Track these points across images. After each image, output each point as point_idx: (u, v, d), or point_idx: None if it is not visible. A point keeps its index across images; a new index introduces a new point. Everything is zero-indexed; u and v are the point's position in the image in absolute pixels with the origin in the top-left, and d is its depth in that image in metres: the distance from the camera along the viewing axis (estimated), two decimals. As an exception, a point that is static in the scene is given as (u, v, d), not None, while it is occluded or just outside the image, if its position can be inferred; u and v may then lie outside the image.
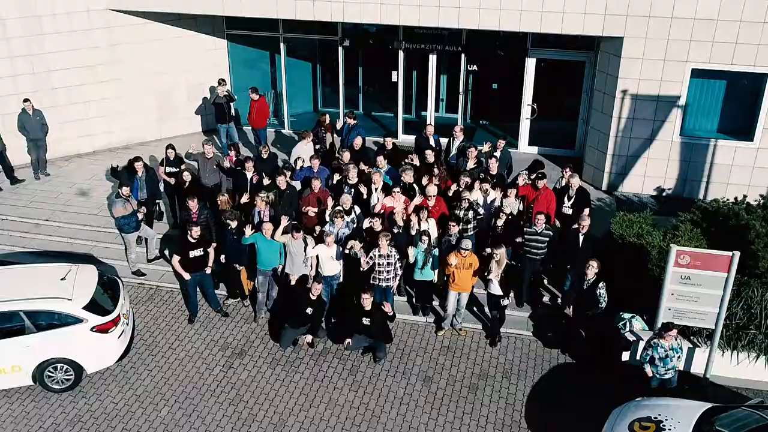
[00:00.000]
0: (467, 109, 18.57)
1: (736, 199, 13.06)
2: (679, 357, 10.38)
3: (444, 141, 15.29)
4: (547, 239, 12.22)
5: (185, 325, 12.78)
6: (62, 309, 10.97)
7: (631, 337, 11.44)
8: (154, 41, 17.77)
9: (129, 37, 17.45)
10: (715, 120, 15.50)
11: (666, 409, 9.65)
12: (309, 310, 11.78)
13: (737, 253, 10.15)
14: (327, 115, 16.28)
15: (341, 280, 12.66)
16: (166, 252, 14.19)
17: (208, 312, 13.03)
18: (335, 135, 15.81)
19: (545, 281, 13.18)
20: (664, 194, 15.82)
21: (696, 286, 10.48)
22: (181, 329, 12.70)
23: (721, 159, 15.36)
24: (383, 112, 19.40)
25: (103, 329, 11.14)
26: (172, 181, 14.08)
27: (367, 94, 19.41)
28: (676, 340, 10.27)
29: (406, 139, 17.89)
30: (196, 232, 12.06)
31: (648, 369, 10.40)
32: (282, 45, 18.75)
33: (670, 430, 9.22)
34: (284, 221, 12.31)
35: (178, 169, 14.21)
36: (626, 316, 11.62)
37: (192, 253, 12.16)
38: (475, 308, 12.93)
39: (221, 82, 17.09)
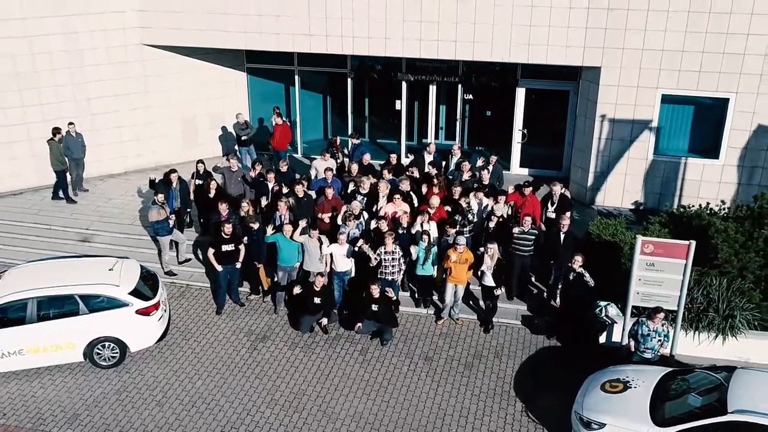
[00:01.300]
0: (464, 135, 20.44)
1: (701, 206, 14.80)
2: (660, 341, 11.80)
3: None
4: (534, 237, 13.93)
5: (213, 316, 14.42)
6: (111, 293, 12.65)
7: (607, 321, 13.06)
8: (181, 73, 19.76)
9: (159, 69, 19.45)
10: (685, 140, 17.33)
11: (632, 372, 11.25)
12: (317, 300, 13.46)
13: (693, 242, 11.83)
14: (338, 137, 18.19)
15: (353, 275, 14.33)
16: (190, 255, 15.92)
17: (233, 305, 14.68)
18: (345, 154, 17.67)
19: (533, 278, 14.84)
20: (641, 207, 17.55)
21: (659, 272, 12.12)
22: (210, 319, 14.34)
23: (691, 175, 17.15)
24: (387, 139, 21.24)
25: (145, 312, 12.80)
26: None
27: (372, 122, 21.30)
28: (662, 325, 11.78)
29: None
30: (228, 228, 13.81)
31: (632, 344, 11.94)
32: (296, 78, 20.75)
33: (635, 387, 10.81)
34: (302, 223, 14.07)
35: (205, 182, 16.00)
36: (602, 303, 13.26)
37: (224, 248, 13.88)
38: (470, 302, 14.56)
39: (238, 115, 19.11)
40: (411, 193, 15.02)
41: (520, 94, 19.15)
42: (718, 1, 15.59)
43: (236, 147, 19.28)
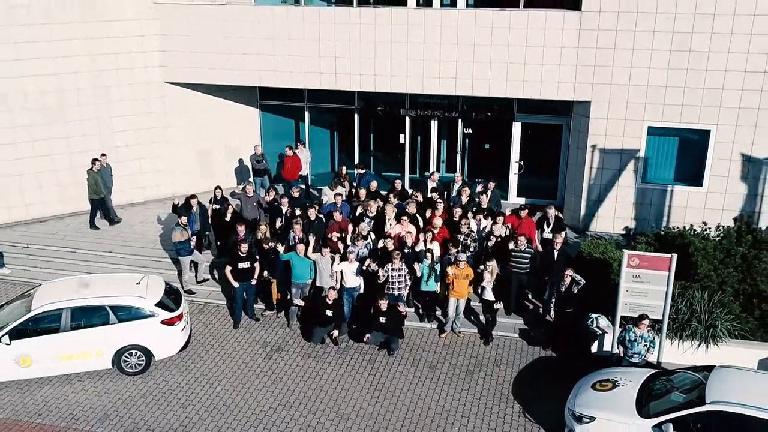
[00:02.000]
0: (464, 167, 21.65)
1: (684, 227, 15.91)
2: (646, 346, 12.77)
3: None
4: (529, 255, 15.01)
5: (231, 330, 15.42)
6: (139, 305, 13.70)
7: (598, 332, 14.06)
8: (199, 109, 21.08)
9: (179, 105, 20.78)
10: (671, 169, 18.49)
11: (621, 373, 12.22)
12: (329, 312, 14.49)
13: (674, 255, 12.93)
14: (344, 167, 19.43)
15: (361, 291, 15.36)
16: (207, 276, 16.98)
17: (249, 320, 15.68)
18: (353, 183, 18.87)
19: (529, 295, 15.87)
20: (631, 233, 18.59)
21: (645, 284, 13.17)
22: (227, 333, 15.33)
23: (677, 202, 18.28)
24: (392, 172, 22.41)
25: (169, 323, 13.83)
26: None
27: (377, 155, 22.53)
28: (648, 331, 12.77)
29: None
30: (244, 247, 14.90)
31: (621, 349, 12.92)
32: (306, 114, 22.09)
33: (623, 386, 11.77)
34: (313, 240, 15.19)
35: (222, 206, 17.16)
36: (593, 315, 14.26)
37: (241, 265, 14.94)
38: (471, 316, 15.56)
39: (256, 147, 20.42)
40: (416, 215, 16.15)
41: (517, 128, 20.43)
42: (697, 41, 16.92)
43: (251, 177, 20.47)
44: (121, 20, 19.37)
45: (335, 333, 14.71)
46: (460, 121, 21.01)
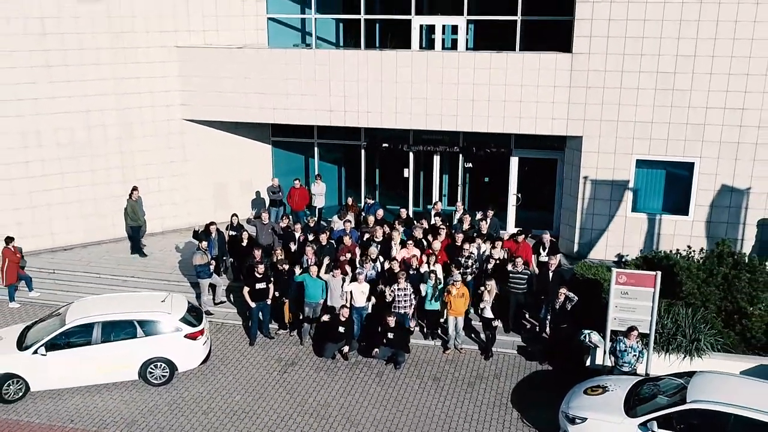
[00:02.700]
0: (465, 199, 22.87)
1: (670, 251, 17.06)
2: (635, 356, 13.82)
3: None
4: (526, 276, 16.14)
5: (247, 347, 16.47)
6: (164, 319, 14.79)
7: (591, 346, 15.10)
8: (216, 145, 22.45)
9: (197, 140, 22.16)
10: (659, 199, 19.69)
11: (611, 380, 13.26)
12: (341, 329, 15.58)
13: (659, 272, 14.07)
14: (351, 198, 20.68)
15: (369, 311, 16.45)
16: (224, 298, 18.10)
17: (264, 338, 16.73)
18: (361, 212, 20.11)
19: (527, 315, 16.94)
20: (622, 260, 19.73)
21: (633, 299, 14.28)
22: (244, 349, 16.38)
23: (665, 230, 19.45)
24: (396, 205, 23.58)
25: (192, 337, 14.90)
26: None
27: (383, 189, 23.79)
28: (637, 342, 13.83)
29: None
30: (261, 268, 16.05)
31: (612, 359, 13.95)
32: (316, 149, 23.45)
33: (613, 390, 12.80)
34: (326, 260, 16.35)
35: (238, 233, 18.35)
36: (586, 331, 15.29)
37: (257, 285, 16.06)
38: (472, 335, 16.61)
39: (273, 179, 21.77)
40: (422, 240, 17.33)
41: (514, 162, 21.73)
42: (680, 80, 18.31)
43: (267, 206, 21.74)
44: (147, 62, 20.87)
45: (345, 348, 15.75)
46: (460, 156, 22.30)
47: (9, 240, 18.22)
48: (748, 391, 11.85)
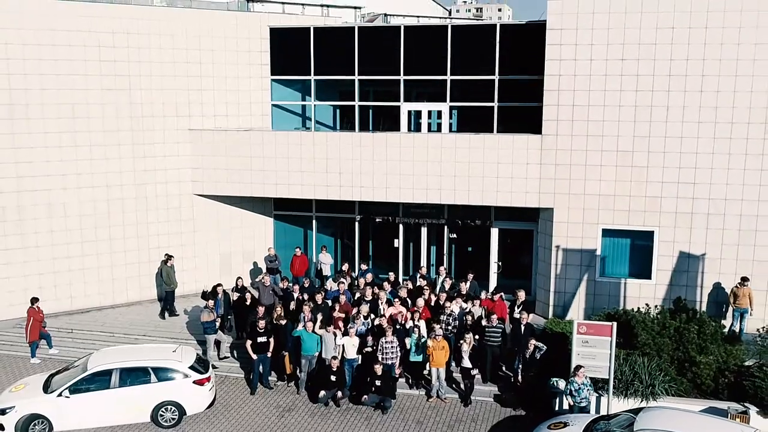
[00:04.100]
0: (451, 267, 24.84)
1: (631, 309, 18.92)
2: (588, 390, 15.58)
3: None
4: (500, 330, 17.96)
5: (248, 396, 18.12)
6: (175, 367, 16.54)
7: (558, 391, 16.78)
8: (222, 217, 24.65)
9: (205, 213, 24.36)
10: (625, 265, 21.68)
11: (571, 417, 14.94)
12: (333, 378, 17.29)
13: (615, 323, 15.93)
14: (347, 264, 22.67)
15: (359, 362, 18.17)
16: (228, 354, 19.83)
17: (264, 389, 18.38)
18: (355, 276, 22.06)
19: (503, 367, 18.64)
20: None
21: (592, 347, 16.07)
22: (246, 397, 18.02)
23: (630, 293, 21.34)
24: (387, 273, 25.54)
25: (199, 383, 16.62)
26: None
27: (375, 259, 25.79)
28: (585, 378, 15.59)
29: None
30: (262, 323, 17.89)
31: (569, 399, 15.63)
32: (314, 222, 25.63)
33: (573, 425, 14.46)
34: (320, 317, 18.20)
35: (242, 294, 20.26)
36: (554, 379, 17.02)
37: (259, 339, 17.86)
38: (453, 385, 18.27)
39: (269, 249, 23.81)
40: (407, 299, 19.25)
41: (495, 233, 23.85)
42: (637, 158, 20.60)
43: (264, 273, 23.67)
44: (162, 143, 23.32)
45: (339, 394, 17.40)
46: (446, 227, 24.45)
47: (34, 300, 20.08)
48: (685, 421, 13.55)
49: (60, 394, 15.90)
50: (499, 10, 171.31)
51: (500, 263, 23.97)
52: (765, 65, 19.47)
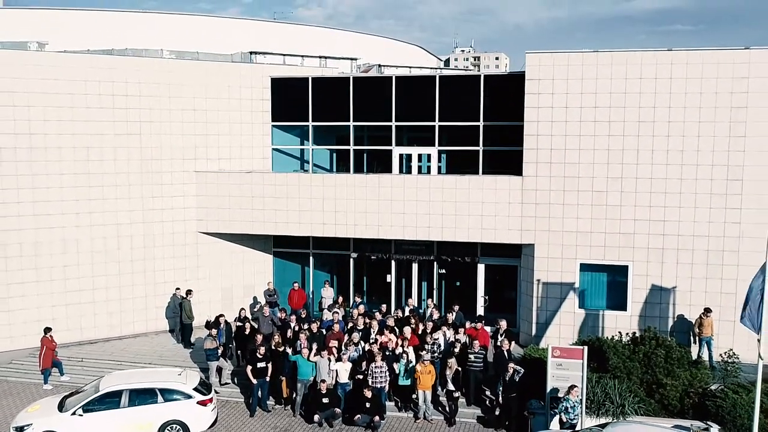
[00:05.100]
0: (441, 301, 26.26)
1: (605, 336, 20.30)
2: (581, 408, 16.85)
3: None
4: (482, 357, 19.33)
5: (248, 418, 19.39)
6: (181, 388, 17.87)
7: (535, 413, 18.07)
8: (224, 254, 26.16)
9: (208, 250, 25.91)
10: (602, 297, 23.09)
11: (545, 433, 16.21)
12: (325, 399, 18.60)
13: (586, 347, 17.32)
14: (341, 297, 24.11)
15: (351, 387, 19.48)
16: (228, 380, 21.15)
17: (262, 412, 19.64)
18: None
19: (487, 392, 19.92)
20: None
21: (566, 370, 17.42)
22: (245, 419, 19.29)
23: (608, 324, 22.72)
24: (378, 306, 26.96)
25: (202, 404, 17.93)
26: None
27: (369, 293, 27.22)
28: (577, 397, 16.87)
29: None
30: (262, 350, 19.26)
31: (563, 416, 16.87)
32: (311, 259, 27.14)
33: (545, 439, 15.72)
34: (314, 347, 19.57)
35: (243, 324, 21.66)
36: (532, 401, 18.32)
37: (258, 365, 19.20)
38: (439, 408, 19.53)
39: (269, 284, 25.29)
40: (395, 327, 20.66)
41: (481, 268, 25.33)
42: (611, 198, 22.20)
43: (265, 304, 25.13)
44: (169, 184, 24.97)
45: (337, 411, 18.66)
46: (435, 263, 25.95)
47: (47, 330, 21.47)
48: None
49: (74, 413, 17.21)
50: (497, 58, 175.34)
51: (487, 297, 25.39)
52: (725, 112, 21.22)
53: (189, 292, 23.92)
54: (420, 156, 25.78)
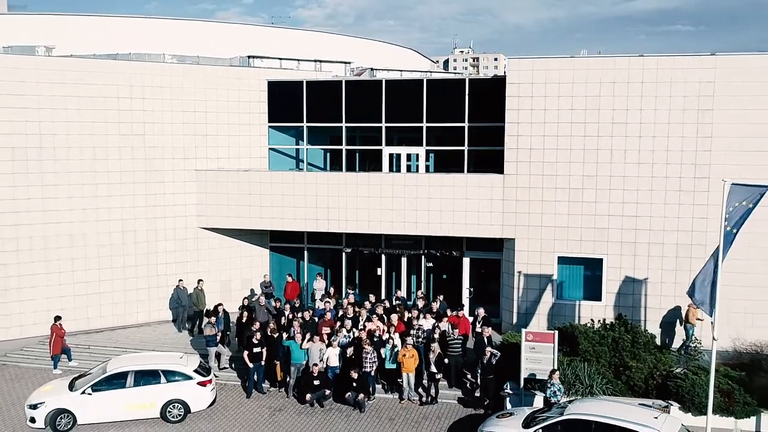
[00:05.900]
0: (429, 292, 27.66)
1: (577, 323, 21.71)
2: (560, 388, 18.16)
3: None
4: (460, 342, 20.73)
5: (244, 399, 20.80)
6: (182, 370, 19.29)
7: (510, 393, 19.48)
8: (223, 248, 27.62)
9: (208, 245, 27.33)
10: (579, 289, 24.49)
11: (516, 410, 17.63)
12: (317, 382, 20.04)
13: (556, 331, 18.74)
14: (333, 288, 25.54)
15: (339, 370, 20.89)
16: (227, 365, 22.59)
17: (258, 394, 21.06)
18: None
19: (468, 375, 21.32)
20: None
21: (538, 353, 18.84)
22: (242, 401, 20.70)
23: (584, 313, 24.08)
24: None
25: (202, 384, 19.34)
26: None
27: (360, 285, 28.63)
28: (557, 379, 18.21)
29: (387, 311, 26.78)
30: (258, 336, 20.67)
31: (552, 399, 18.16)
32: (306, 253, 28.56)
33: (517, 415, 17.13)
34: (308, 335, 21.00)
35: (241, 312, 23.09)
36: (509, 383, 19.73)
37: (255, 350, 20.61)
38: (420, 390, 20.95)
39: (265, 276, 26.72)
40: (383, 316, 22.10)
41: (466, 262, 26.76)
42: (586, 195, 23.61)
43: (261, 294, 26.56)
44: (171, 182, 26.39)
45: (327, 392, 20.06)
46: (423, 257, 27.37)
47: (57, 318, 22.86)
48: (608, 407, 16.20)
49: (83, 392, 18.62)
50: (495, 59, 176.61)
51: (472, 289, 26.80)
52: (692, 114, 22.63)
53: (200, 281, 25.37)
54: (409, 155, 27.19)
